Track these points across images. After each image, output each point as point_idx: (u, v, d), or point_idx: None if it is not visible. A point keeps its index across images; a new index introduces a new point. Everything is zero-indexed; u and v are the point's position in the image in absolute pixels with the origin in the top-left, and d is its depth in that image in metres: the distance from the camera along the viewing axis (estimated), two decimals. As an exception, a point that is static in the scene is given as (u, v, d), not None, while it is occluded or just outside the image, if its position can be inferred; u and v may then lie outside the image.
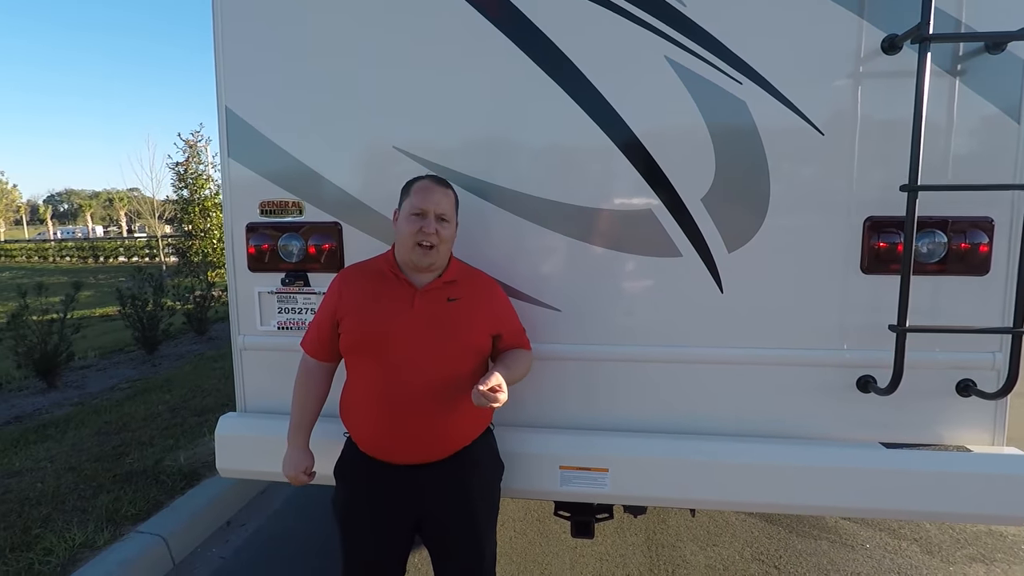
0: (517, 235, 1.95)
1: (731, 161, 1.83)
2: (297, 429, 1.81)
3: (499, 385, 1.53)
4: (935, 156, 1.74)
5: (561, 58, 1.85)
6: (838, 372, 1.89)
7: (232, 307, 2.18)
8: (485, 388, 1.49)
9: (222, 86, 2.05)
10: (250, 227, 2.09)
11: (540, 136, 1.92)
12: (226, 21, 2.02)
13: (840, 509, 1.89)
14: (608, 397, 1.99)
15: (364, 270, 1.77)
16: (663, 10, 1.79)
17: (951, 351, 1.82)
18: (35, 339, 5.33)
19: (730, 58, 1.79)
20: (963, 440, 1.87)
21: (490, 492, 1.80)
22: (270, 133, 2.04)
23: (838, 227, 1.83)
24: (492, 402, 1.51)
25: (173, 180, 13.42)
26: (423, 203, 1.64)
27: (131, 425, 4.21)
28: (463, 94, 1.93)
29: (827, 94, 1.78)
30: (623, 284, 1.94)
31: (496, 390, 1.52)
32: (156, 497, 3.08)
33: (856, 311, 1.85)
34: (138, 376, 5.81)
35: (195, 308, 7.76)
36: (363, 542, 1.70)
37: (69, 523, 2.81)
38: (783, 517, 3.05)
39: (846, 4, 1.73)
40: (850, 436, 1.91)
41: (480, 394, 1.49)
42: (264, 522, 3.18)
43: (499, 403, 1.53)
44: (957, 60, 1.74)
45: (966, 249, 1.78)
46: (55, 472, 3.42)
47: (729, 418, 1.95)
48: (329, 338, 1.74)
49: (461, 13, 1.87)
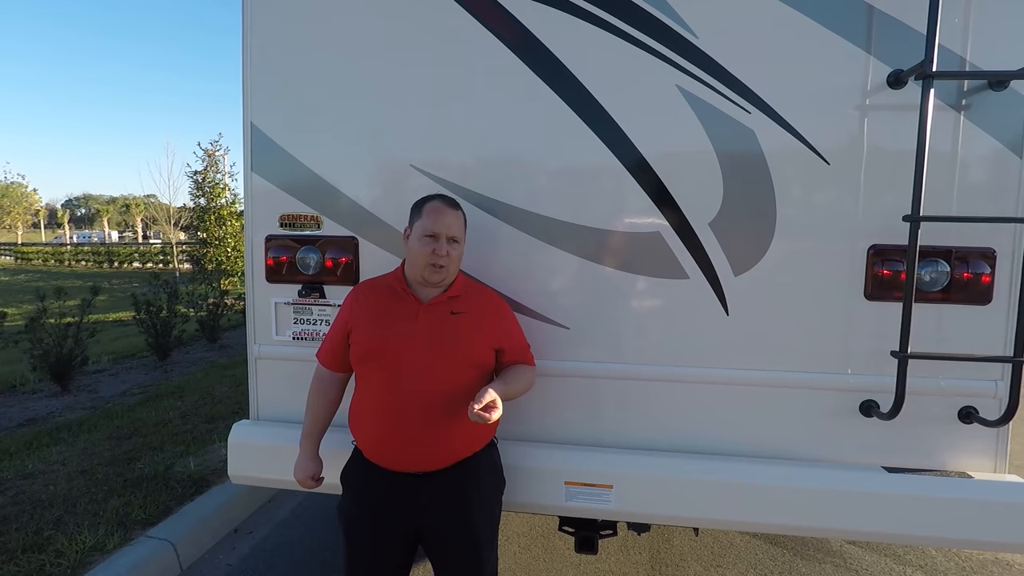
0: (528, 253, 2.00)
1: (739, 187, 1.88)
2: (308, 436, 1.88)
3: (493, 402, 1.57)
4: (939, 187, 1.78)
5: (576, 84, 1.91)
6: (841, 396, 1.92)
7: (249, 316, 2.24)
8: (478, 407, 1.53)
9: (248, 103, 2.13)
10: (269, 239, 2.16)
11: (553, 158, 1.98)
12: (255, 42, 2.10)
13: (842, 532, 1.91)
14: (614, 415, 2.03)
15: (375, 286, 1.84)
16: (675, 41, 1.86)
17: (953, 378, 1.85)
18: (51, 342, 5.43)
19: (739, 88, 1.85)
20: (965, 466, 1.88)
21: (491, 505, 1.83)
22: (292, 149, 2.12)
23: (843, 254, 1.87)
24: (485, 420, 1.55)
25: (191, 188, 13.67)
26: (435, 226, 1.71)
27: (142, 430, 4.27)
28: (479, 116, 2.00)
29: (834, 125, 1.83)
30: (630, 304, 1.99)
31: (490, 407, 1.56)
32: (166, 502, 3.12)
33: (859, 336, 1.88)
34: (150, 382, 5.89)
35: (208, 316, 7.86)
36: (363, 547, 1.74)
37: (80, 526, 2.86)
38: (788, 540, 3.04)
39: (854, 40, 1.79)
40: (853, 459, 1.92)
41: (474, 412, 1.53)
42: (271, 531, 3.22)
43: (492, 420, 1.57)
44: (961, 95, 1.78)
45: (968, 279, 1.81)
46: (67, 475, 3.47)
47: (733, 438, 1.97)
48: (341, 349, 1.81)
49: (480, 39, 1.95)
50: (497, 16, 1.93)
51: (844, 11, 1.79)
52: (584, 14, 1.89)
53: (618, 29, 1.88)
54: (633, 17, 1.87)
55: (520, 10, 1.92)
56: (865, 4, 1.78)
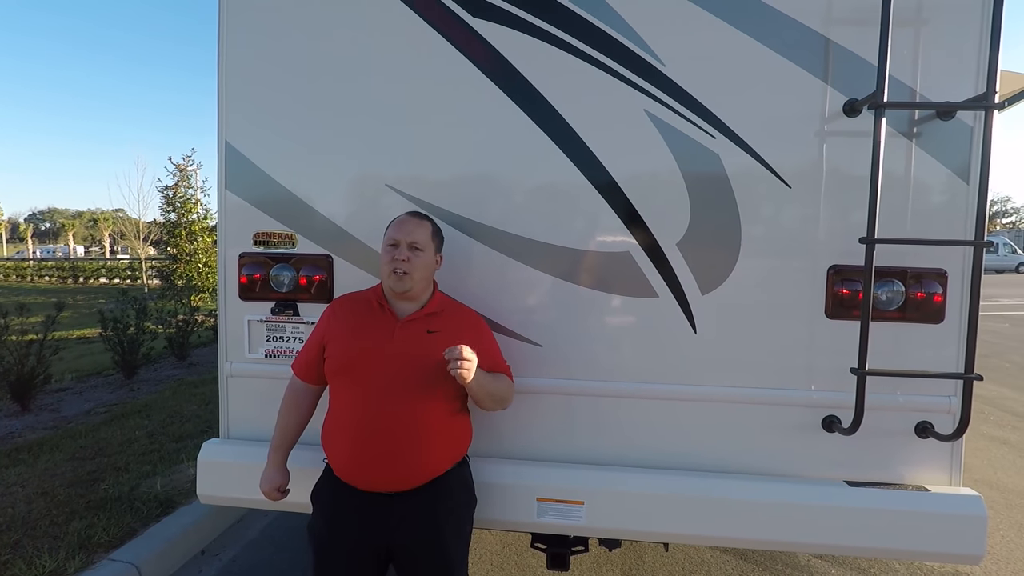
0: (501, 272, 2.04)
1: (705, 209, 1.94)
2: (277, 449, 1.88)
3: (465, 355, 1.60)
4: (894, 211, 1.86)
5: (548, 108, 1.97)
6: (805, 412, 1.97)
7: (221, 334, 2.22)
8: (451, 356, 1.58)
9: (223, 120, 2.14)
10: (243, 256, 2.16)
11: (526, 179, 2.03)
12: (230, 61, 2.12)
13: (807, 545, 1.95)
14: (585, 431, 2.05)
15: (354, 300, 1.86)
16: (643, 68, 1.93)
17: (910, 394, 1.92)
18: (12, 360, 5.25)
19: (704, 113, 1.93)
20: (922, 480, 1.95)
21: (462, 523, 1.83)
22: (267, 167, 2.13)
23: (804, 274, 1.94)
24: (457, 370, 1.58)
25: (161, 203, 13.43)
26: (396, 233, 1.76)
27: (107, 450, 4.14)
28: (453, 137, 2.04)
29: (794, 150, 1.92)
30: (602, 322, 2.03)
31: (463, 359, 1.59)
32: (130, 524, 3.03)
33: (821, 354, 1.95)
34: (116, 400, 5.72)
35: (177, 333, 7.69)
36: (333, 567, 1.72)
37: (40, 549, 2.76)
38: (757, 555, 3.09)
39: (811, 70, 1.88)
40: (817, 474, 1.98)
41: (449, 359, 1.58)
42: (240, 552, 3.14)
43: (465, 371, 1.59)
44: (912, 124, 1.88)
45: (922, 298, 1.90)
46: (26, 497, 3.35)
47: (701, 454, 2.02)
48: (316, 361, 1.81)
49: (454, 63, 2.00)
50: (470, 41, 1.99)
51: (803, 43, 1.88)
52: (557, 41, 1.95)
53: (589, 56, 1.94)
54: (604, 45, 1.94)
55: (494, 36, 1.98)
56: (822, 37, 1.88)
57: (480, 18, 1.99)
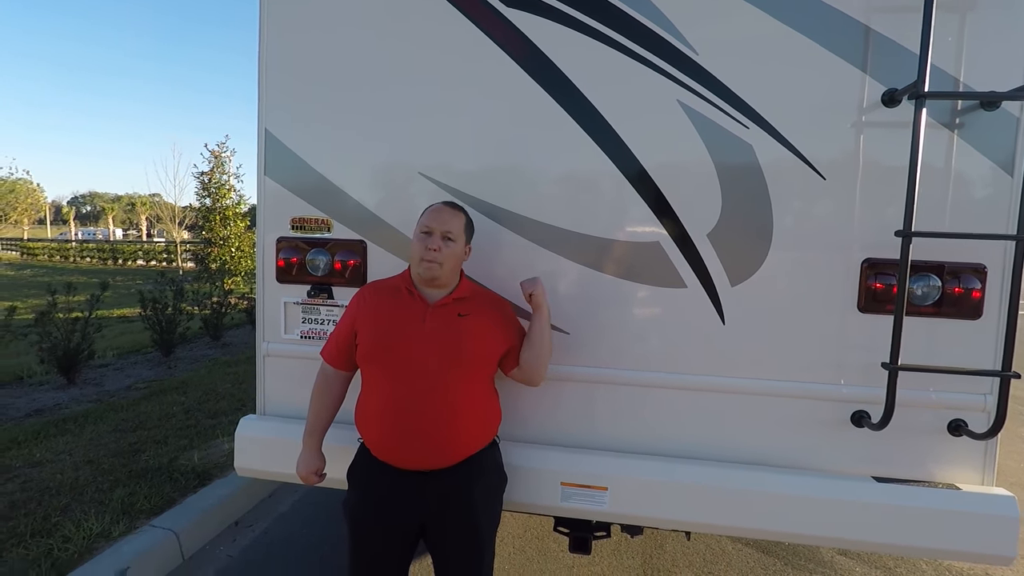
0: (531, 260, 2.06)
1: (736, 200, 1.93)
2: (311, 433, 1.93)
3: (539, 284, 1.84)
4: (932, 203, 1.82)
5: (581, 98, 1.97)
6: (833, 406, 1.96)
7: (259, 315, 2.30)
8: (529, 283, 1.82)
9: (263, 110, 2.20)
10: (280, 240, 2.22)
11: (557, 168, 2.04)
12: (270, 52, 2.18)
13: (831, 540, 1.94)
14: (611, 418, 2.08)
15: (383, 287, 1.89)
16: (677, 57, 1.92)
17: (944, 391, 1.89)
18: (60, 336, 5.50)
19: (738, 104, 1.91)
20: (953, 478, 1.92)
21: (493, 502, 1.89)
22: (305, 155, 2.18)
23: (837, 267, 1.91)
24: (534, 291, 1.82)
25: (197, 188, 13.77)
26: (431, 222, 1.79)
27: (147, 424, 4.33)
28: (487, 125, 2.06)
29: (830, 141, 1.89)
30: (630, 311, 2.04)
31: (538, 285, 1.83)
32: (169, 494, 3.18)
33: (852, 348, 1.93)
34: (154, 377, 5.95)
35: (211, 314, 7.92)
36: (368, 542, 1.79)
37: (87, 513, 2.92)
38: (779, 548, 3.08)
39: (849, 59, 1.85)
40: (844, 469, 1.96)
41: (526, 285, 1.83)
42: (271, 524, 3.27)
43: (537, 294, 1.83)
44: (955, 115, 1.83)
45: (959, 294, 1.86)
46: (74, 464, 3.54)
47: (726, 445, 2.02)
48: (347, 348, 1.86)
49: (489, 53, 2.01)
50: (505, 31, 2.00)
51: (841, 31, 1.84)
52: (590, 31, 1.95)
53: (622, 45, 1.94)
54: (637, 34, 1.93)
55: (527, 25, 1.99)
56: (862, 25, 1.84)
57: (513, 7, 2.00)
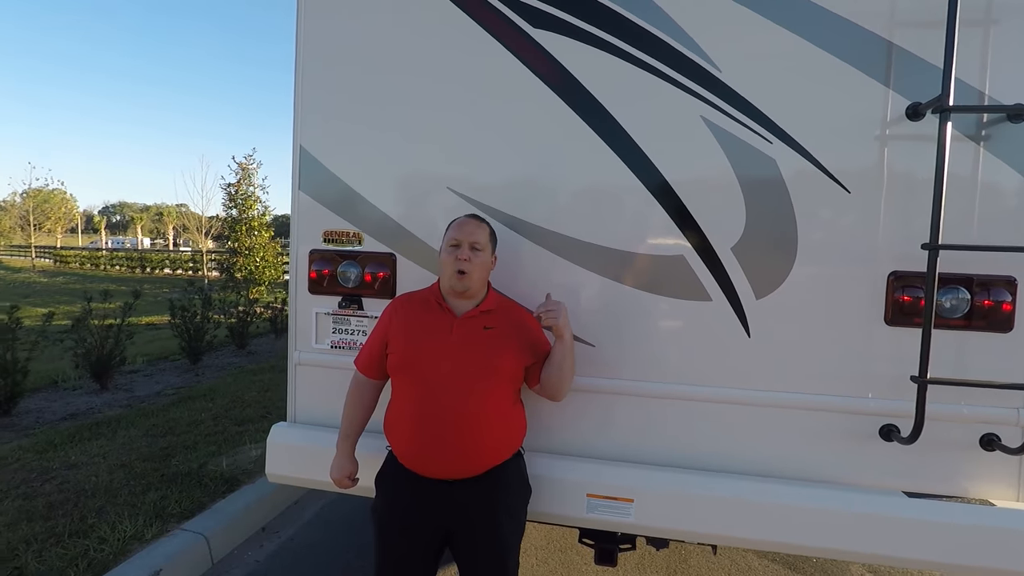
0: (558, 273, 2.09)
1: (761, 214, 1.95)
2: (345, 438, 1.99)
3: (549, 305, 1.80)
4: (959, 216, 1.82)
5: (606, 115, 2.01)
6: (861, 420, 1.95)
7: (291, 325, 2.37)
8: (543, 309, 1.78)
9: (298, 127, 2.28)
10: (313, 253, 2.29)
11: (583, 184, 2.08)
12: (306, 72, 2.26)
13: (860, 555, 1.92)
14: (636, 430, 2.09)
15: (413, 299, 1.95)
16: (700, 74, 1.95)
17: (975, 405, 1.87)
18: (94, 342, 5.67)
19: (761, 119, 1.93)
20: (986, 494, 1.90)
21: (517, 513, 1.91)
22: (337, 170, 2.25)
23: (863, 280, 1.92)
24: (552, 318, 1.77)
25: (224, 199, 14.10)
26: (458, 234, 1.85)
27: (176, 429, 4.44)
28: (515, 142, 2.11)
29: (854, 155, 1.90)
30: (655, 324, 2.06)
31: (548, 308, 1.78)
32: (199, 498, 3.26)
33: (880, 361, 1.92)
34: (182, 384, 6.09)
35: (237, 323, 8.09)
36: (395, 548, 1.83)
37: (121, 515, 3.01)
38: (807, 564, 3.04)
39: (872, 74, 1.86)
40: (873, 483, 1.95)
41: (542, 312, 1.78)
42: (297, 531, 3.32)
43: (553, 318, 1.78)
44: (980, 127, 1.83)
45: (990, 306, 1.85)
46: (108, 468, 3.64)
47: (753, 458, 2.02)
48: (379, 358, 1.91)
49: (515, 72, 2.07)
50: (532, 51, 2.05)
51: (864, 47, 1.86)
52: (614, 49, 2.00)
53: (646, 63, 1.98)
54: (661, 53, 1.97)
55: (554, 46, 2.04)
56: (884, 40, 1.86)
57: (539, 28, 2.05)
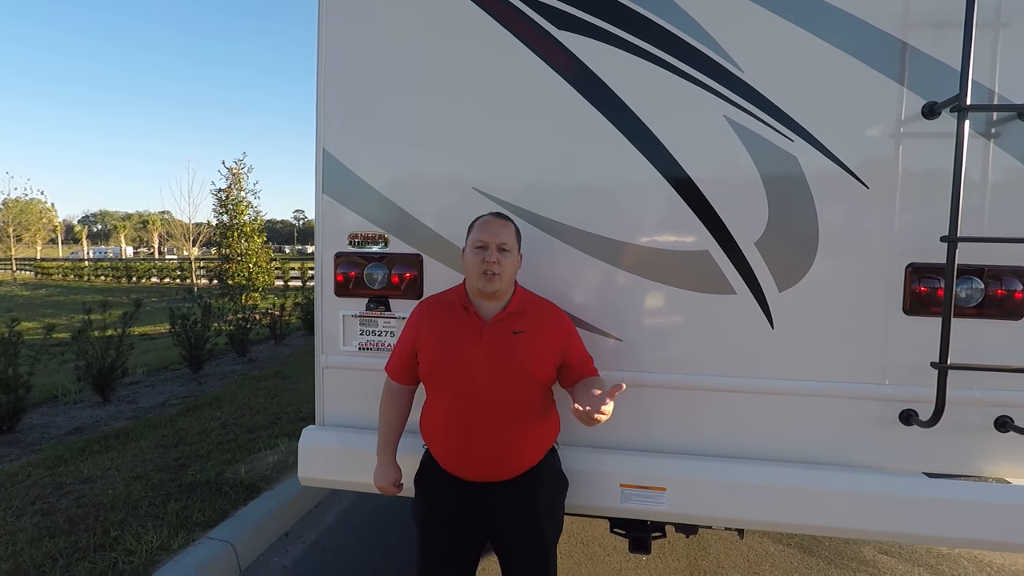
0: (584, 270, 2.15)
1: (782, 210, 2.02)
2: (385, 445, 2.00)
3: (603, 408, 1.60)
4: (971, 209, 1.90)
5: (631, 116, 2.07)
6: (881, 405, 2.03)
7: (317, 328, 2.40)
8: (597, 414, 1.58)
9: (321, 130, 2.30)
10: (339, 255, 2.32)
11: (608, 182, 2.13)
12: (328, 74, 2.29)
13: (884, 534, 2.00)
14: (666, 421, 2.15)
15: (438, 303, 1.95)
16: (723, 75, 2.02)
17: (990, 389, 1.96)
18: (95, 354, 5.62)
19: (783, 118, 2.00)
20: (1003, 473, 1.99)
21: (556, 509, 1.96)
22: (362, 173, 2.28)
23: (881, 272, 1.99)
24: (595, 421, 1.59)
25: (215, 205, 14.00)
26: (484, 235, 1.84)
27: (187, 439, 4.43)
28: (538, 142, 2.15)
29: (872, 152, 1.97)
30: (681, 318, 2.12)
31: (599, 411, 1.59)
32: (221, 507, 3.26)
33: (898, 349, 2.00)
34: (186, 393, 6.06)
35: (237, 330, 8.05)
36: (437, 547, 1.87)
37: (145, 527, 3.01)
38: (822, 548, 3.13)
39: (890, 74, 1.94)
40: (895, 466, 2.03)
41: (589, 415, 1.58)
42: (320, 535, 3.34)
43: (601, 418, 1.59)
44: (991, 124, 1.92)
45: (1002, 295, 1.93)
46: (123, 480, 3.63)
47: (779, 445, 2.09)
48: (409, 365, 1.93)
49: (541, 73, 2.12)
50: (557, 53, 2.10)
51: (880, 48, 1.94)
52: (639, 51, 2.05)
53: (670, 64, 2.04)
54: (685, 54, 2.03)
55: (579, 47, 2.09)
56: (899, 41, 1.93)
57: (565, 30, 2.11)
